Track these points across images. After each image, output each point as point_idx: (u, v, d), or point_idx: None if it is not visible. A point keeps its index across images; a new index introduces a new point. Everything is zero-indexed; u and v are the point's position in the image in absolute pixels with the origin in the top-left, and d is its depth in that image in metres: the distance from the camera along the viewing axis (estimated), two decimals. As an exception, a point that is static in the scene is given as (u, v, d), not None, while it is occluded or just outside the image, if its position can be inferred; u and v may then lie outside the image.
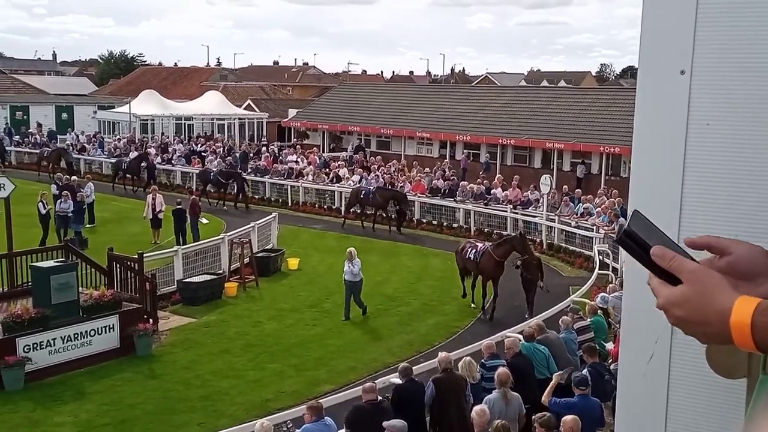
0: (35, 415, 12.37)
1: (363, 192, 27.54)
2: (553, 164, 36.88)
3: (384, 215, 27.27)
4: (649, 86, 1.68)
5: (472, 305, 18.25)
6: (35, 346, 13.72)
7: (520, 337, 11.25)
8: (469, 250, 18.11)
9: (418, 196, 28.43)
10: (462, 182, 29.27)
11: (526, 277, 17.39)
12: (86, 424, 11.98)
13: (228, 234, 21.49)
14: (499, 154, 39.17)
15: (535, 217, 25.43)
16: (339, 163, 35.01)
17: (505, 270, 17.76)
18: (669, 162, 1.64)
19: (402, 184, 29.48)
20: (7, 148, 42.51)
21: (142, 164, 34.10)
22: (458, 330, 16.94)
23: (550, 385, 9.66)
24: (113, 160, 36.50)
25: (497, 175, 31.59)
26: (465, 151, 40.13)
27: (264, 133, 51.71)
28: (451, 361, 10.04)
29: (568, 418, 8.52)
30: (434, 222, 27.66)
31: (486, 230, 26.01)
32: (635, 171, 1.68)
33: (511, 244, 17.67)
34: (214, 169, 32.33)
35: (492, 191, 27.58)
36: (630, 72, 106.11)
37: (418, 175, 30.67)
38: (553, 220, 24.50)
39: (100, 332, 14.70)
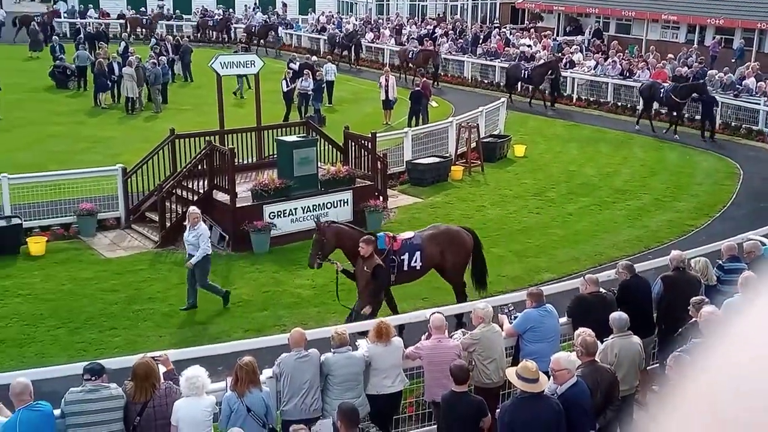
0: (278, 276, 13.63)
1: None
2: (821, 52, 32.69)
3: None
4: None
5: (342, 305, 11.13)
6: (279, 213, 15.00)
7: (765, 240, 10.43)
8: None
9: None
10: (710, 71, 26.88)
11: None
12: (321, 288, 13.00)
13: (456, 118, 21.61)
14: (756, 40, 35.26)
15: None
16: (574, 47, 33.45)
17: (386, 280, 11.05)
18: None
19: (640, 71, 27.71)
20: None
21: (549, 74, 28.07)
22: (692, 229, 16.03)
23: None
24: (507, 65, 30.37)
25: (752, 63, 28.58)
26: (716, 36, 36.59)
27: (497, 15, 50.49)
28: (684, 260, 9.57)
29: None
30: (675, 113, 25.83)
31: (734, 124, 23.94)
32: None
33: None
34: (665, 85, 24.64)
35: (744, 81, 25.10)
36: None
37: (660, 62, 28.58)
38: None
39: (335, 205, 15.71)
